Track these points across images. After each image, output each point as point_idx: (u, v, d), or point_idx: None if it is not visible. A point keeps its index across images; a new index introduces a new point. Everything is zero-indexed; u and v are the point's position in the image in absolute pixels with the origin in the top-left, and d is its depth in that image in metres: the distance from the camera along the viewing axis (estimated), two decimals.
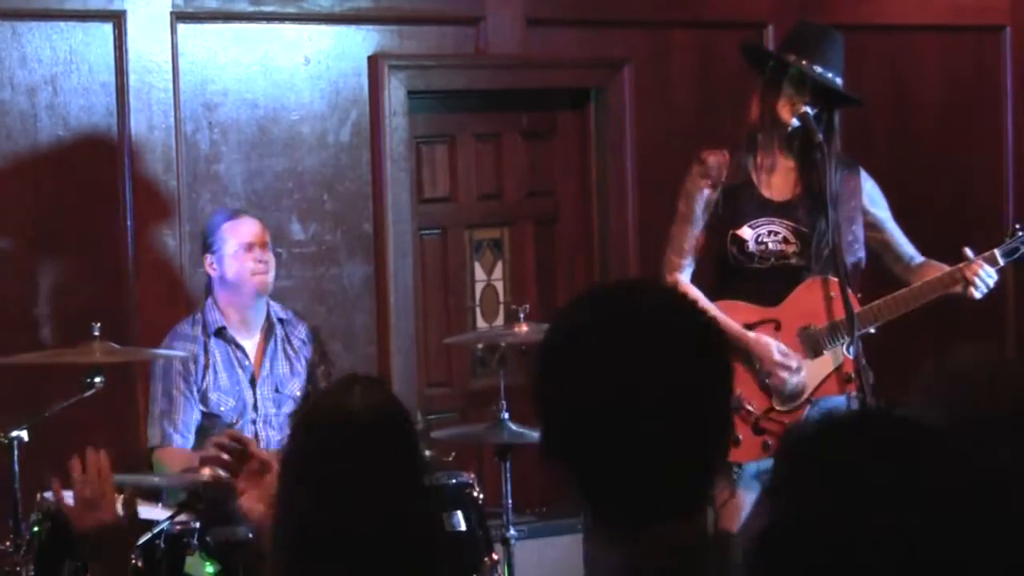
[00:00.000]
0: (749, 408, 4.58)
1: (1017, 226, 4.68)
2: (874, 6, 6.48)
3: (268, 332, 4.78)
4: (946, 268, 4.69)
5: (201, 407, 4.65)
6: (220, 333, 4.70)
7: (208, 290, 4.76)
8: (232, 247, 4.66)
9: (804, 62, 4.53)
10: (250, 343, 4.75)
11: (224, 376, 4.69)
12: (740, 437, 4.58)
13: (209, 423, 4.66)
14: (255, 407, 4.70)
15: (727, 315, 4.54)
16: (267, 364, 4.75)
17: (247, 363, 4.73)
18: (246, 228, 4.70)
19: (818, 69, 4.52)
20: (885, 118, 6.47)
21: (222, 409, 4.68)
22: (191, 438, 4.63)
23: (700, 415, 1.69)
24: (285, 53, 5.36)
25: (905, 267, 4.79)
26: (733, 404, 4.48)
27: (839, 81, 4.57)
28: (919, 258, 4.81)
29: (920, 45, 6.61)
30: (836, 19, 6.21)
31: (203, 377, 4.65)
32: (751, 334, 4.58)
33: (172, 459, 4.56)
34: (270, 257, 4.72)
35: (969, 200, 6.61)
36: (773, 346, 4.57)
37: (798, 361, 4.59)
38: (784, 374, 4.56)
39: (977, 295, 4.59)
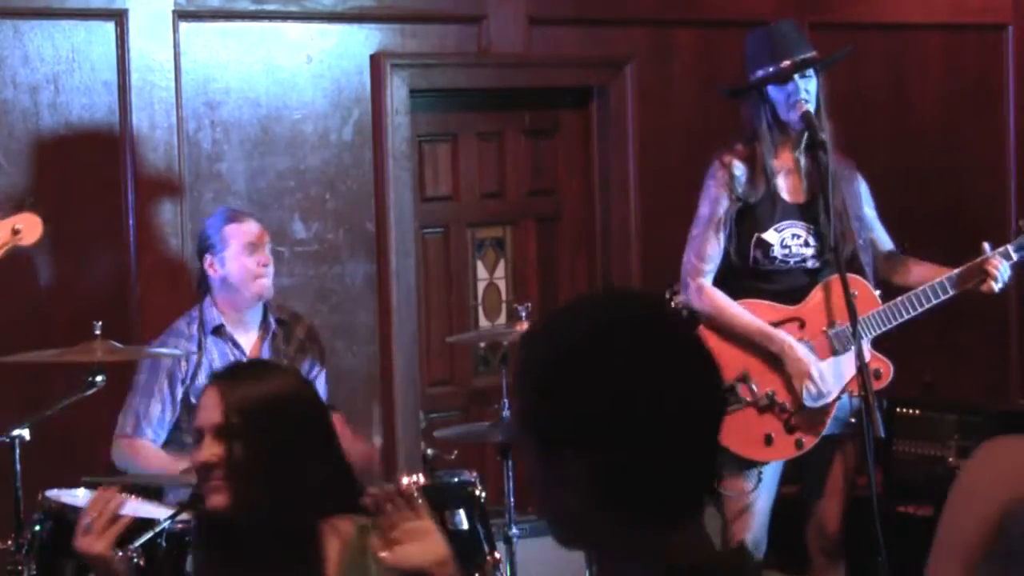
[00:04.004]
0: (783, 405, 4.53)
1: (1022, 223, 4.68)
2: (875, 5, 6.47)
3: (265, 331, 4.78)
4: (930, 264, 4.71)
5: (196, 401, 4.64)
6: (218, 331, 4.69)
7: (205, 289, 4.75)
8: (235, 248, 4.66)
9: (773, 68, 4.54)
10: (247, 340, 4.75)
11: None
12: (772, 435, 4.52)
13: None
14: None
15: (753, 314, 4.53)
16: None
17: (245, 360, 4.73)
18: (249, 229, 4.70)
19: (787, 62, 4.54)
20: (886, 117, 6.46)
21: None
22: (163, 436, 4.63)
23: (713, 412, 1.71)
24: (287, 52, 5.36)
25: (886, 263, 4.79)
26: (765, 401, 4.50)
27: (813, 53, 4.58)
28: (897, 253, 4.82)
29: (922, 44, 6.60)
30: (837, 17, 6.23)
31: (194, 375, 4.63)
32: (786, 338, 4.52)
33: (144, 455, 4.56)
34: (270, 259, 4.72)
35: (970, 200, 6.60)
36: (813, 367, 4.52)
37: (829, 386, 4.54)
38: (812, 389, 4.52)
39: (996, 288, 4.58)
